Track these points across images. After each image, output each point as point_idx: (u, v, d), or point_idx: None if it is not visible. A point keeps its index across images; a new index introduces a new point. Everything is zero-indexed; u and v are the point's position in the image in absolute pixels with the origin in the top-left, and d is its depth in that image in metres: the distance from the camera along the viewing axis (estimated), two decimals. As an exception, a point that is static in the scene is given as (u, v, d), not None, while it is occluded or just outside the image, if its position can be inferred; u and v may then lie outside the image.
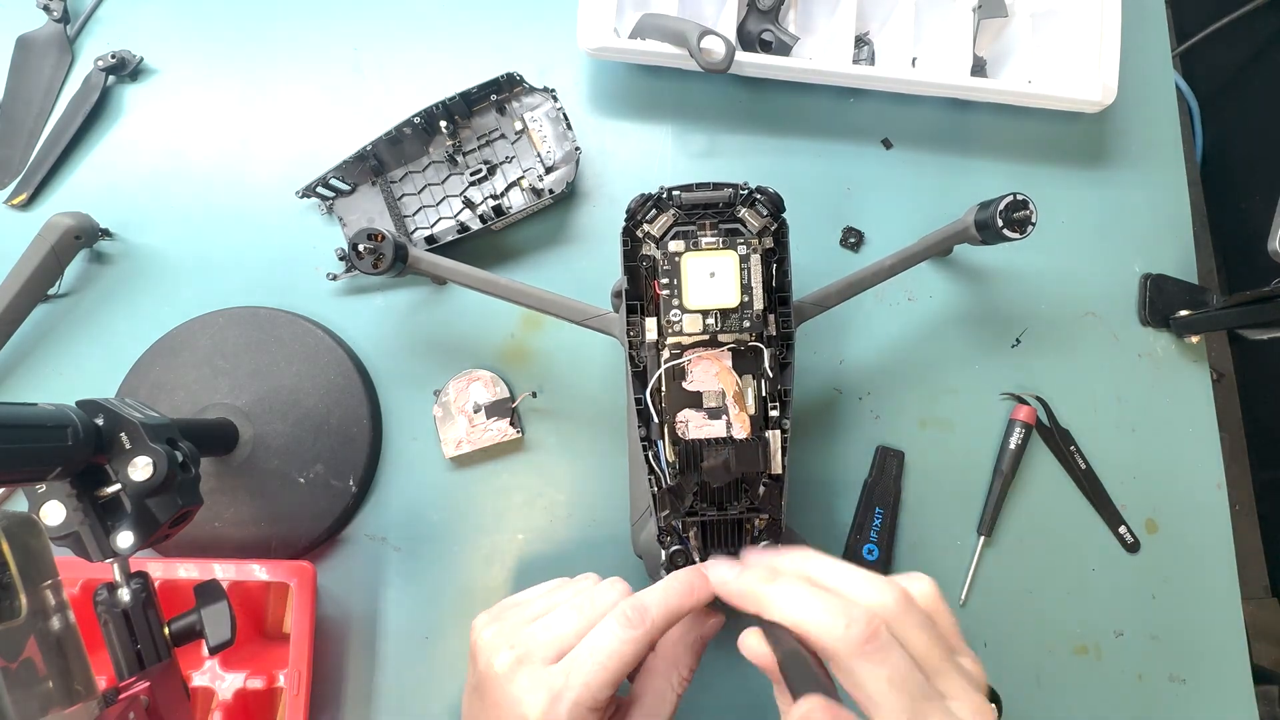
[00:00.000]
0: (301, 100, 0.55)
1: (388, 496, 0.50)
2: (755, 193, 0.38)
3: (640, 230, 0.39)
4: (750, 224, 0.39)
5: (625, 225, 0.39)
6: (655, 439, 0.38)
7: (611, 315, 0.43)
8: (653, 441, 0.38)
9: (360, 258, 0.42)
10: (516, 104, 0.52)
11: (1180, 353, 0.55)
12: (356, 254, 0.42)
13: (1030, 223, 0.43)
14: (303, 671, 0.42)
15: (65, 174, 0.54)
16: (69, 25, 0.55)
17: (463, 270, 0.45)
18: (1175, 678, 0.51)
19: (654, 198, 0.39)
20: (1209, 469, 0.54)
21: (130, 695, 0.31)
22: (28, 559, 0.28)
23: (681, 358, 0.38)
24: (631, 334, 0.39)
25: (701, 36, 0.48)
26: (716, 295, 0.37)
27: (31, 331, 0.51)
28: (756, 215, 0.39)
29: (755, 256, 0.38)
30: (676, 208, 0.39)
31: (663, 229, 0.39)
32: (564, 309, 0.44)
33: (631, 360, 0.39)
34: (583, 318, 0.43)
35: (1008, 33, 0.56)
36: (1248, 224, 0.94)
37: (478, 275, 0.45)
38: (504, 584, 0.49)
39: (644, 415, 0.38)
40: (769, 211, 0.39)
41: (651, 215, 0.39)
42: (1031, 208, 0.43)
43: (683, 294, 0.37)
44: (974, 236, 0.46)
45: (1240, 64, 0.96)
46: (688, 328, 0.37)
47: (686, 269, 0.37)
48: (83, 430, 0.31)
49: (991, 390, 0.53)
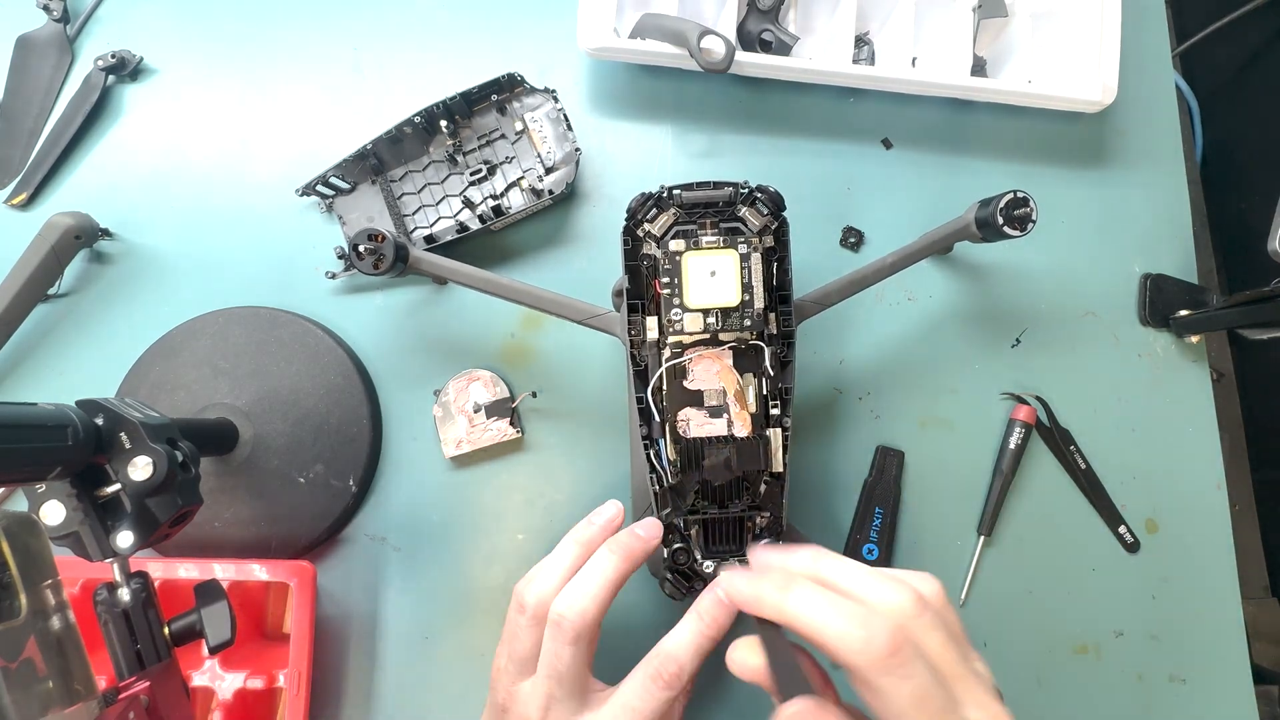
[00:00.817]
0: (302, 100, 0.55)
1: (388, 496, 0.50)
2: (755, 191, 0.38)
3: (641, 229, 0.39)
4: (751, 223, 0.39)
5: (626, 224, 0.39)
6: (657, 438, 0.38)
7: (612, 314, 0.43)
8: (654, 440, 0.38)
9: (360, 258, 0.42)
10: (517, 104, 0.52)
11: (1180, 353, 0.55)
12: (357, 254, 0.42)
13: (1031, 220, 0.44)
14: (303, 671, 0.42)
15: (65, 174, 0.54)
16: (69, 25, 0.55)
17: (464, 270, 0.45)
18: (1175, 678, 0.51)
19: (654, 197, 0.39)
20: (1209, 469, 0.54)
21: (130, 695, 0.31)
22: (28, 559, 0.28)
23: (682, 356, 0.38)
24: (633, 333, 0.39)
25: (701, 36, 0.48)
26: (717, 294, 0.37)
27: (31, 331, 0.51)
28: (757, 214, 0.39)
29: (756, 255, 0.38)
30: (677, 207, 0.39)
31: (663, 228, 0.39)
32: (565, 308, 0.44)
33: (633, 359, 0.39)
34: (584, 317, 0.43)
35: (1008, 33, 0.56)
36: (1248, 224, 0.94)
37: (479, 275, 0.45)
38: (504, 584, 0.49)
39: (645, 414, 0.38)
40: (769, 210, 0.39)
41: (652, 214, 0.39)
42: (1032, 205, 0.43)
43: (684, 293, 0.37)
44: (974, 234, 0.46)
45: (1241, 64, 0.95)
46: (689, 326, 0.37)
47: (687, 268, 0.37)
48: (82, 430, 0.31)
49: (991, 390, 0.53)
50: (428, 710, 0.48)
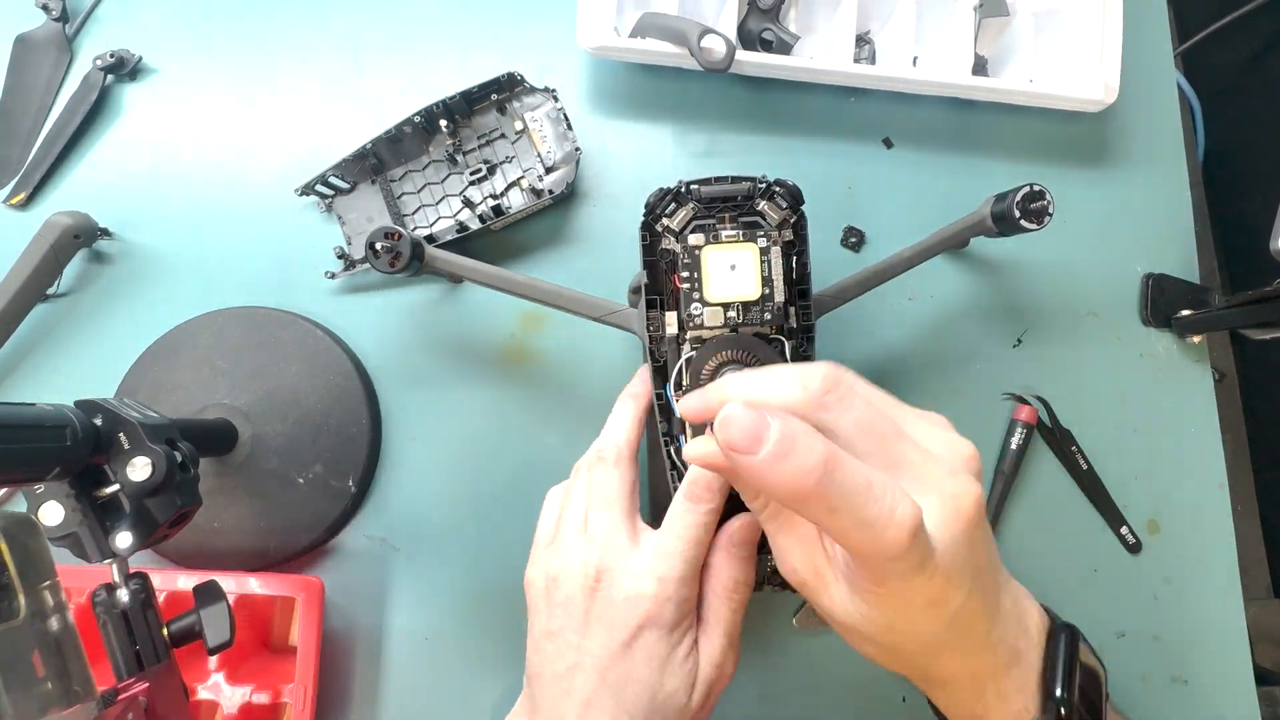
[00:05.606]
0: (301, 99, 0.55)
1: (388, 497, 0.50)
2: (774, 185, 0.38)
3: (660, 225, 0.39)
4: (770, 217, 0.38)
5: (644, 219, 0.38)
6: (677, 434, 0.38)
7: (630, 310, 0.43)
8: (674, 436, 0.38)
9: (377, 256, 0.42)
10: (517, 104, 0.52)
11: (1182, 353, 0.55)
12: (374, 252, 0.42)
13: (1048, 213, 0.43)
14: (308, 687, 0.42)
15: (64, 173, 0.54)
16: (68, 24, 0.55)
17: (480, 268, 0.45)
18: (1177, 678, 0.51)
19: (673, 191, 0.38)
20: (1211, 469, 0.54)
21: (129, 696, 0.31)
22: (26, 560, 0.28)
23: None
24: (651, 328, 0.39)
25: (702, 35, 0.48)
26: (738, 288, 0.37)
27: (30, 331, 0.51)
28: (776, 208, 0.38)
29: (775, 249, 0.37)
30: (695, 201, 0.38)
31: (682, 223, 0.38)
32: (582, 305, 0.44)
33: (652, 355, 0.39)
34: (601, 313, 0.43)
35: (1009, 32, 0.56)
36: (1250, 223, 0.94)
37: (495, 273, 0.45)
38: (504, 583, 0.49)
39: (665, 410, 0.38)
40: (788, 204, 0.38)
41: (671, 209, 0.38)
42: (1049, 198, 0.43)
43: (704, 287, 0.37)
44: (990, 228, 0.45)
45: (1242, 63, 0.95)
46: (709, 321, 0.37)
47: (707, 262, 0.37)
48: (81, 430, 0.30)
49: (992, 390, 0.53)
50: (431, 711, 0.47)
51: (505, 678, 0.48)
